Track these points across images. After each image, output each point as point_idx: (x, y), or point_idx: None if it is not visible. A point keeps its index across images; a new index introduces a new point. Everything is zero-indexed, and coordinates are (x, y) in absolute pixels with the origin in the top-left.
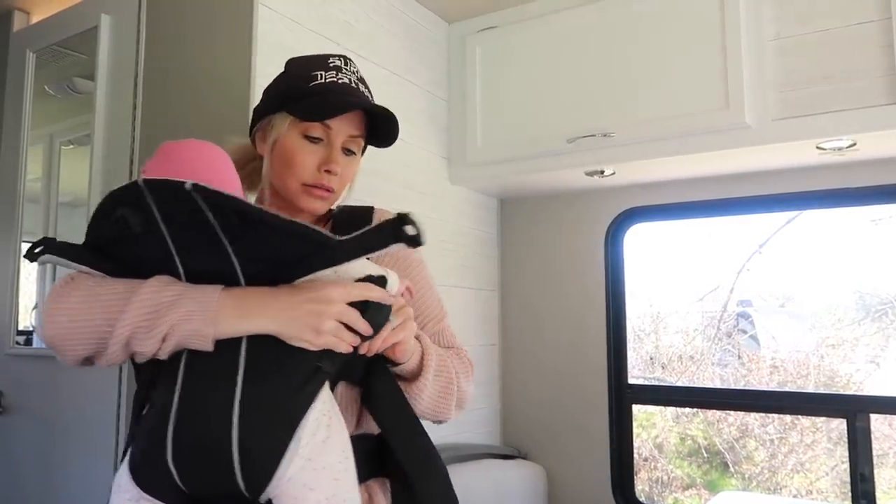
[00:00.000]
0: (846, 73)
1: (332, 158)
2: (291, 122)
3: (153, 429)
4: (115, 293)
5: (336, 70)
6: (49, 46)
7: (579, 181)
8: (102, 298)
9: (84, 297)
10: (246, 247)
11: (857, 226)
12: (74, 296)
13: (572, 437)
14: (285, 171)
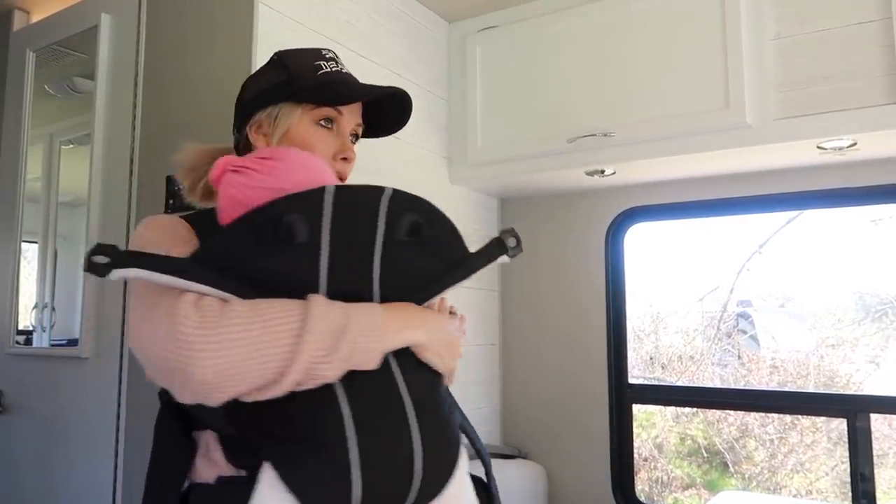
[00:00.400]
0: (847, 72)
1: (346, 146)
2: (303, 110)
3: (325, 464)
4: (282, 318)
5: (333, 61)
6: (49, 46)
7: (580, 181)
8: (271, 325)
9: (244, 324)
10: (398, 260)
11: (858, 226)
12: (231, 325)
13: (572, 436)
14: None
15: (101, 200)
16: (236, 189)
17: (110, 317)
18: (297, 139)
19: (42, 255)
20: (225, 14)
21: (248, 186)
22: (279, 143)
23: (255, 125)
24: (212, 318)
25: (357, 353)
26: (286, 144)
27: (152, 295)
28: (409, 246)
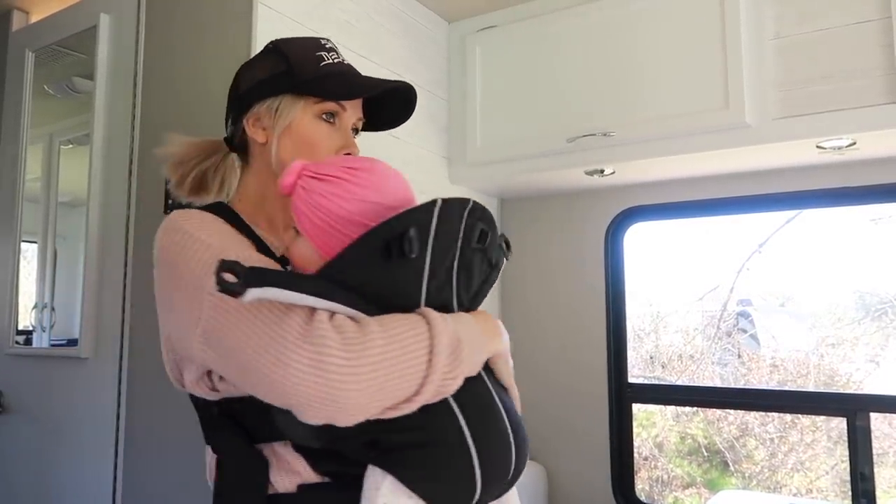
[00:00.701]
0: (846, 72)
1: (349, 141)
2: (306, 104)
3: (452, 468)
4: (413, 334)
5: (334, 52)
6: (48, 46)
7: (579, 180)
8: (406, 343)
9: (384, 343)
10: (469, 267)
11: (857, 225)
12: (373, 346)
13: (572, 436)
14: (303, 155)
15: (101, 200)
16: (327, 199)
17: (110, 317)
18: (300, 134)
19: (42, 255)
20: (224, 14)
21: (343, 198)
22: (280, 138)
23: (252, 118)
24: (354, 340)
25: (469, 365)
26: (288, 140)
27: (266, 326)
28: (477, 253)
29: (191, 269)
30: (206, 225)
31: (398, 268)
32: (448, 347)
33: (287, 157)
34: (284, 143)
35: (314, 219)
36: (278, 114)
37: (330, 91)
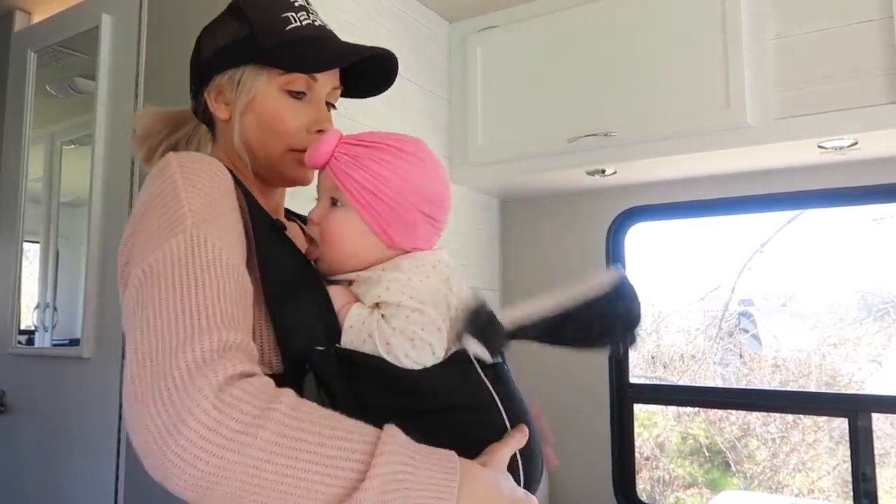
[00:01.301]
0: (847, 72)
1: (322, 116)
2: (270, 75)
3: None
4: (335, 449)
5: (304, 11)
6: (50, 46)
7: (580, 181)
8: (313, 459)
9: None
10: None
11: (859, 225)
12: (262, 438)
13: (573, 436)
14: (268, 136)
15: (103, 200)
16: (379, 164)
17: (112, 317)
18: (264, 110)
19: (44, 256)
20: None
21: (385, 178)
22: (243, 114)
23: (214, 91)
24: (248, 416)
25: None
26: (251, 116)
27: (181, 329)
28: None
29: (155, 222)
30: (199, 178)
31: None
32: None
33: (251, 137)
34: (248, 121)
35: (366, 184)
36: (240, 87)
37: (295, 61)
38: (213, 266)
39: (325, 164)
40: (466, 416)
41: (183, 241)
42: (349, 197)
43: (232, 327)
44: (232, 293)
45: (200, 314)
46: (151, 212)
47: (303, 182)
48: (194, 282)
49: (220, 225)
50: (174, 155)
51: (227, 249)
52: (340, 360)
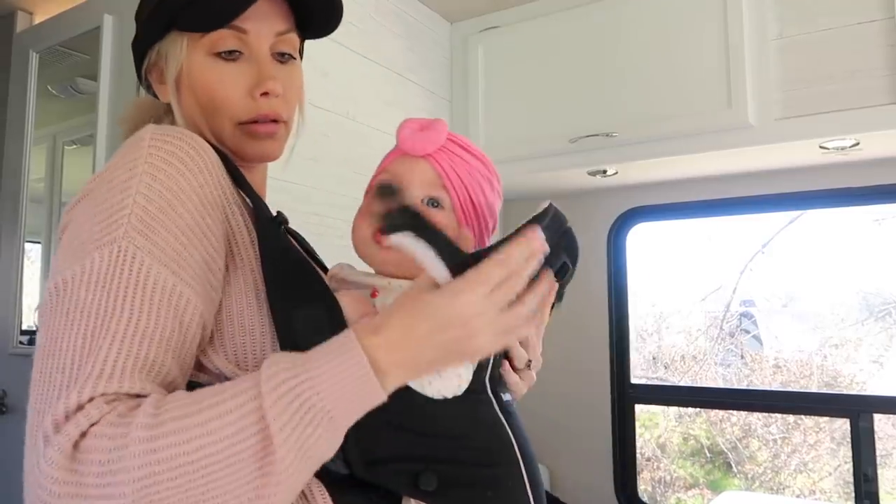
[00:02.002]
0: (849, 72)
1: (263, 75)
2: (189, 40)
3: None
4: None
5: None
6: (52, 47)
7: (582, 181)
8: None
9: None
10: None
11: (860, 225)
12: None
13: (575, 436)
14: (208, 112)
15: None
16: (479, 188)
17: None
18: (195, 82)
19: (45, 256)
20: None
21: (487, 197)
22: (177, 90)
23: (153, 70)
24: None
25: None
26: (185, 91)
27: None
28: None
29: (91, 216)
30: (167, 166)
31: None
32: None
33: (192, 114)
34: (184, 99)
35: (473, 196)
36: (164, 63)
37: (205, 16)
38: (135, 291)
39: (426, 154)
40: (481, 458)
41: (107, 256)
42: (457, 204)
43: (116, 374)
44: (145, 324)
45: (88, 359)
46: (95, 197)
47: (268, 158)
48: (103, 313)
49: (166, 232)
50: (152, 129)
51: (163, 267)
52: None
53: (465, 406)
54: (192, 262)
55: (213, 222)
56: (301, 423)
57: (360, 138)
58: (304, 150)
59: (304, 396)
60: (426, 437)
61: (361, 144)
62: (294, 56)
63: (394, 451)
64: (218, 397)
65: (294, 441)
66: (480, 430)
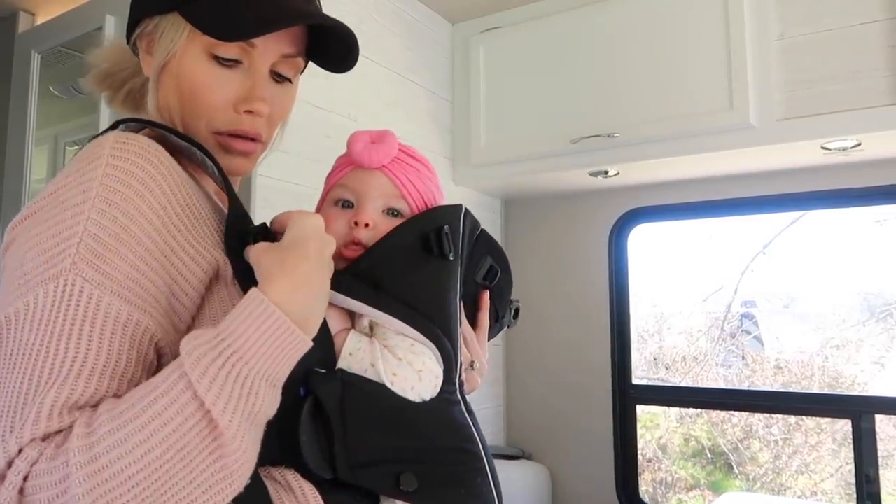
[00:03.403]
0: (851, 72)
1: (255, 93)
2: (192, 32)
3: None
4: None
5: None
6: (54, 47)
7: (583, 182)
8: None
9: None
10: (465, 299)
11: (862, 226)
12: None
13: (576, 437)
14: (186, 108)
15: None
16: (430, 194)
17: None
18: (182, 75)
19: None
20: None
21: (436, 201)
22: (161, 74)
23: (144, 38)
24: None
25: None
26: (168, 79)
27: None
28: (479, 289)
29: (37, 242)
30: (124, 188)
31: (434, 270)
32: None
33: (169, 103)
34: (165, 85)
35: (428, 203)
36: (158, 40)
37: (215, 24)
38: (82, 326)
39: (379, 166)
40: (454, 457)
41: (51, 292)
42: (415, 210)
43: (56, 414)
44: (93, 360)
45: (29, 404)
46: (43, 217)
47: (236, 173)
48: (44, 354)
49: (120, 261)
50: (113, 141)
51: (115, 297)
52: (345, 386)
53: (440, 407)
54: (151, 289)
55: (184, 242)
56: (242, 397)
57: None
58: (305, 151)
59: (235, 370)
60: (406, 439)
61: None
62: (290, 80)
63: (376, 455)
64: (148, 398)
65: (239, 416)
66: (452, 430)
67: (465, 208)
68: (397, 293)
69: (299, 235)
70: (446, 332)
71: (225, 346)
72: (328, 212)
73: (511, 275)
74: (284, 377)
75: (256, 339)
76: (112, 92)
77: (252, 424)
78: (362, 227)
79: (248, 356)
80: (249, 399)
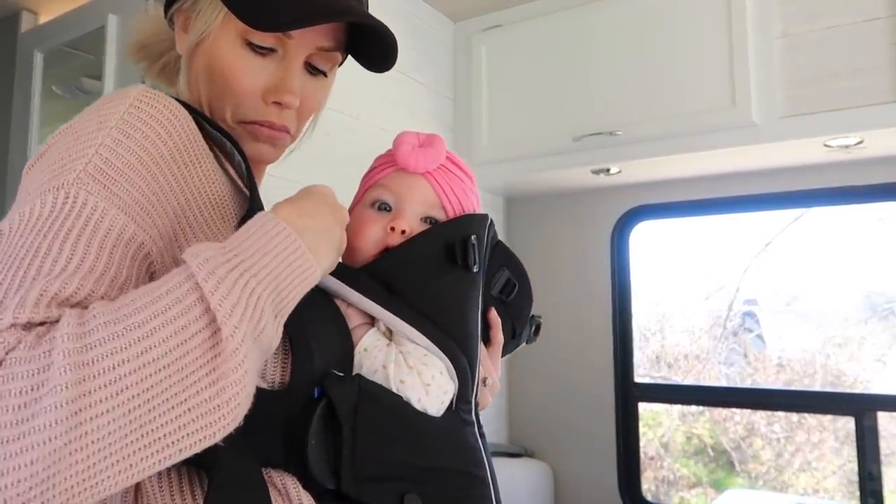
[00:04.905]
0: (853, 70)
1: (285, 84)
2: (228, 15)
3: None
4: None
5: None
6: (57, 47)
7: (585, 180)
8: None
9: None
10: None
11: (864, 224)
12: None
13: (579, 435)
14: (214, 92)
15: None
16: (473, 196)
17: None
18: (213, 58)
19: None
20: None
21: (475, 198)
22: (193, 53)
23: (181, 14)
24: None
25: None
26: (200, 60)
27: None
28: (496, 304)
29: (50, 162)
30: (146, 127)
31: (457, 281)
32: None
33: (199, 84)
34: (196, 63)
35: (465, 209)
36: (194, 18)
37: (254, 14)
38: (80, 234)
39: (423, 171)
40: (461, 481)
41: (49, 202)
42: (452, 214)
43: (43, 304)
44: (90, 264)
45: (11, 293)
46: (63, 141)
47: (262, 161)
48: (36, 253)
49: (130, 186)
50: (143, 88)
51: (122, 213)
52: (361, 393)
53: (453, 427)
54: (158, 221)
55: (194, 202)
56: (249, 307)
57: (363, 137)
58: (307, 148)
59: (243, 280)
60: (415, 457)
61: (365, 143)
62: (326, 74)
63: (383, 470)
64: (150, 296)
65: (244, 328)
66: (462, 453)
67: (490, 219)
68: (413, 300)
69: (304, 192)
70: (463, 346)
71: (233, 256)
72: (364, 213)
73: (530, 289)
74: (289, 308)
75: (266, 251)
76: (149, 63)
77: (255, 346)
78: (398, 233)
79: (256, 268)
80: (255, 314)
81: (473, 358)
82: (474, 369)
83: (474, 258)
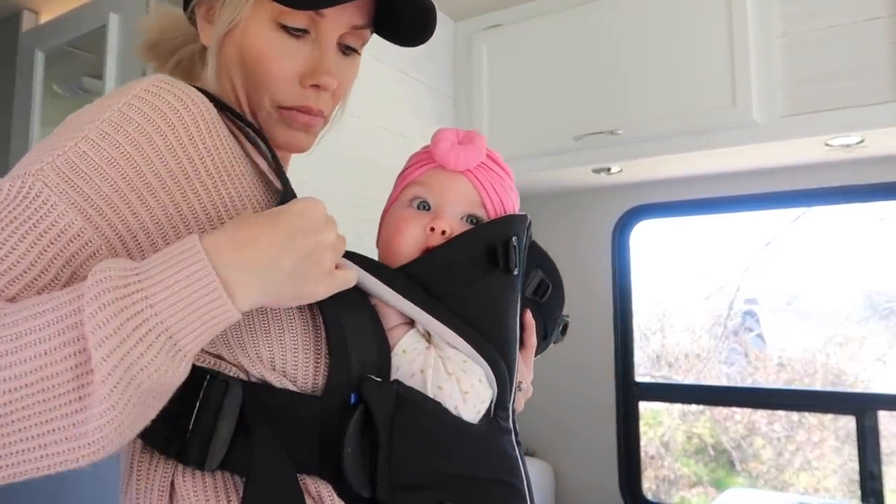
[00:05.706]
0: (854, 69)
1: (322, 66)
2: (258, 1)
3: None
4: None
5: None
6: (58, 46)
7: (586, 179)
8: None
9: None
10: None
11: (865, 223)
12: None
13: (580, 434)
14: (248, 80)
15: None
16: (514, 195)
17: None
18: (246, 45)
19: None
20: None
21: (516, 197)
22: (223, 42)
23: (202, 5)
24: None
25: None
26: (231, 48)
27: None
28: (530, 305)
29: (29, 157)
30: (144, 121)
31: (497, 282)
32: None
33: (230, 75)
34: (227, 55)
35: (506, 208)
36: (221, 7)
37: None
38: (20, 225)
39: (463, 169)
40: (499, 491)
41: (7, 188)
42: (493, 213)
43: None
44: (16, 257)
45: None
46: (59, 129)
47: (297, 149)
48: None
49: (102, 182)
50: (155, 78)
51: (73, 209)
52: (399, 399)
53: (491, 435)
54: (129, 220)
55: (202, 197)
56: (129, 339)
57: (364, 136)
58: None
59: (134, 309)
60: (453, 465)
61: (366, 142)
62: (357, 51)
63: (420, 478)
64: (36, 309)
65: (117, 358)
66: (500, 462)
67: (529, 219)
68: (453, 303)
69: (282, 209)
70: (503, 351)
71: (135, 282)
72: (401, 212)
73: (563, 289)
74: (194, 348)
75: (171, 283)
76: (159, 62)
77: (131, 381)
78: (439, 233)
79: (155, 299)
80: (137, 348)
81: (512, 363)
82: (513, 375)
83: (515, 260)
